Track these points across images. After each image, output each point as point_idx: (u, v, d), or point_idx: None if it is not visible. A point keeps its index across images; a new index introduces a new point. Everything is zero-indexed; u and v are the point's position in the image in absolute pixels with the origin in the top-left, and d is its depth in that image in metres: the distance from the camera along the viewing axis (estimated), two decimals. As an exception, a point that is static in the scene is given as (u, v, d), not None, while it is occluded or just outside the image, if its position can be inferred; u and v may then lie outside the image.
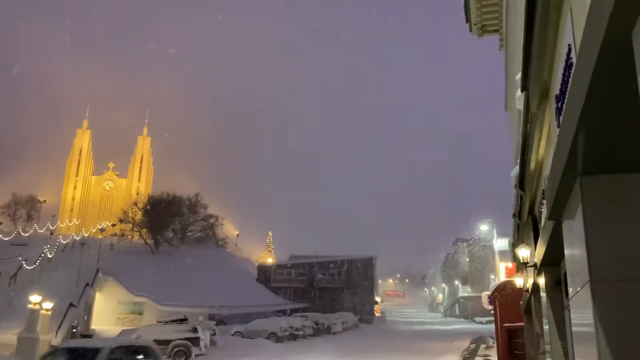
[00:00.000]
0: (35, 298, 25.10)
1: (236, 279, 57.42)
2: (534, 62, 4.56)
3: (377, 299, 71.25)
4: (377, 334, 46.06)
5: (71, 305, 31.98)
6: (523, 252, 9.40)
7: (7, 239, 53.96)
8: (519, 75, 5.57)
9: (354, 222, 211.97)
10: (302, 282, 63.92)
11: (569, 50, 3.43)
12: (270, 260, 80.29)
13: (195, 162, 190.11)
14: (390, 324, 61.57)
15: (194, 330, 27.92)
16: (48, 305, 26.06)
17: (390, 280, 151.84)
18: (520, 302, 13.94)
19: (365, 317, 61.01)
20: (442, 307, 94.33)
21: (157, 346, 21.06)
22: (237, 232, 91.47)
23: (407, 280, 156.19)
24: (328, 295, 62.96)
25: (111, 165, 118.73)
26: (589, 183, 3.15)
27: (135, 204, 68.97)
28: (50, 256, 44.66)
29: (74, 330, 30.77)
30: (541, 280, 7.71)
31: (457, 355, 27.65)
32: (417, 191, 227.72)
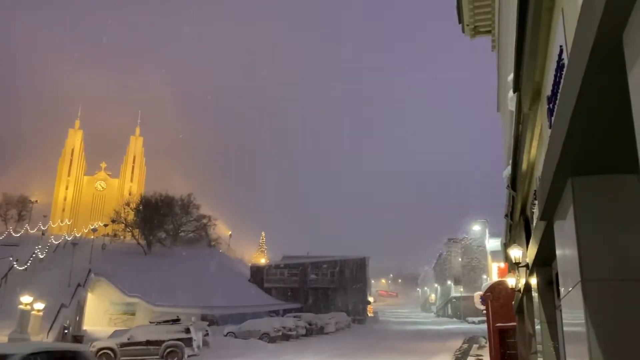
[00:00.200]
0: (26, 299, 24.93)
1: (229, 279, 57.31)
2: (525, 63, 4.57)
3: (370, 299, 71.35)
4: (370, 334, 46.09)
5: (63, 306, 31.79)
6: (515, 253, 9.42)
7: (-3, 239, 53.69)
8: (511, 76, 5.59)
9: (347, 222, 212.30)
10: (295, 282, 63.90)
11: (561, 51, 3.44)
12: (263, 261, 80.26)
13: (188, 163, 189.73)
14: (383, 324, 61.60)
15: (187, 330, 27.83)
16: (39, 306, 25.90)
17: (383, 281, 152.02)
18: (513, 302, 13.98)
19: (358, 317, 61.08)
20: (434, 307, 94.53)
21: (91, 352, 19.41)
22: (229, 232, 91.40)
23: (400, 281, 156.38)
24: (321, 296, 62.98)
25: (103, 165, 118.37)
26: (581, 184, 3.17)
27: (127, 204, 68.67)
28: (41, 257, 44.39)
29: (66, 331, 30.55)
30: (533, 281, 7.73)
31: (449, 355, 27.70)
32: (410, 191, 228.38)
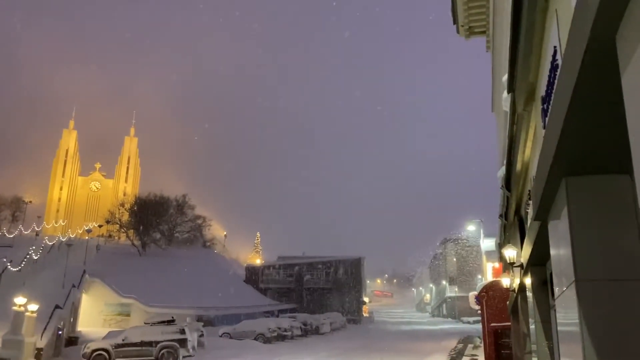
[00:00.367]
0: (20, 300, 24.75)
1: (224, 280, 57.18)
2: (520, 63, 4.59)
3: (365, 300, 71.34)
4: (366, 334, 46.10)
5: (57, 307, 31.58)
6: (509, 253, 9.45)
7: (-9, 240, 53.39)
8: (505, 77, 5.61)
9: (342, 223, 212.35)
10: (290, 282, 63.85)
11: (555, 52, 3.45)
12: (258, 261, 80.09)
13: (183, 163, 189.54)
14: (379, 324, 61.60)
15: (182, 331, 27.75)
16: (33, 307, 25.72)
17: (379, 281, 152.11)
18: (507, 302, 14.02)
19: (354, 318, 61.10)
20: (429, 307, 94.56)
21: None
22: (224, 233, 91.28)
23: (395, 281, 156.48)
24: (316, 296, 62.95)
25: (98, 165, 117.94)
26: (575, 184, 3.18)
27: (122, 205, 68.49)
28: (35, 257, 44.17)
29: (60, 332, 30.40)
30: (527, 280, 7.76)
31: (444, 355, 27.73)
32: (405, 192, 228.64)
